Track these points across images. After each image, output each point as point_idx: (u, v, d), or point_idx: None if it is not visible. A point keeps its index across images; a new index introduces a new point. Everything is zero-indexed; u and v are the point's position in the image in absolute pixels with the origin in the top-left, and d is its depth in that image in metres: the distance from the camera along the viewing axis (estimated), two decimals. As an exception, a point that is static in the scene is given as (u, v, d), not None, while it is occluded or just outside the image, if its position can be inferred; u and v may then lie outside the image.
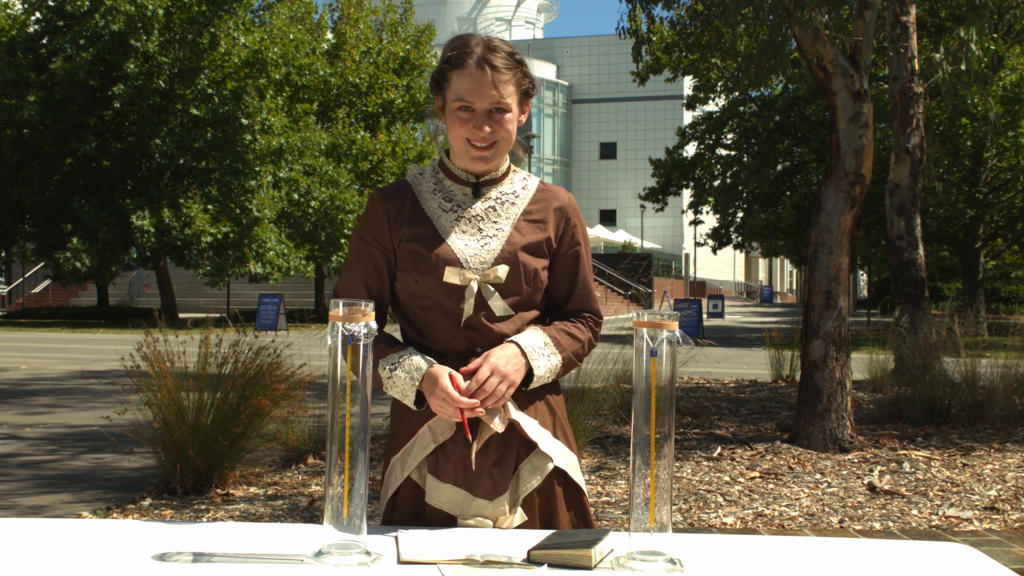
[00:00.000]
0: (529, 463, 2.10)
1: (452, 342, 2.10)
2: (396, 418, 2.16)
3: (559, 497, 2.12)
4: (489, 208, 2.15)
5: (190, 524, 1.99)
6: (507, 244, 2.12)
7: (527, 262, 2.12)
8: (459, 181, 2.17)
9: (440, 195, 2.16)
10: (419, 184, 2.18)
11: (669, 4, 10.86)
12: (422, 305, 2.11)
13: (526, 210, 2.17)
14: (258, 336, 6.43)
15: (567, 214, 2.19)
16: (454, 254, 2.09)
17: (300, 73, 29.85)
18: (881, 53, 10.88)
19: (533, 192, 2.20)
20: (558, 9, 78.47)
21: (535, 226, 2.16)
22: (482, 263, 2.10)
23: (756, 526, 5.18)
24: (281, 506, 5.49)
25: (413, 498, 2.09)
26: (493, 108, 2.07)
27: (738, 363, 16.13)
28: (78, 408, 9.87)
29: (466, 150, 2.10)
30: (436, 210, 2.14)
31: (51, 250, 28.53)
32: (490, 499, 2.05)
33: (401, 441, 2.13)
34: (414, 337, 2.14)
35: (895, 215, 10.81)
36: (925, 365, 8.62)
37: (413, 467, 2.08)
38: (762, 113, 25.68)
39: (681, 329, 1.77)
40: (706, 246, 31.71)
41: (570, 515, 2.13)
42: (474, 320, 2.09)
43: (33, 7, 28.39)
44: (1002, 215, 25.84)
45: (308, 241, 30.41)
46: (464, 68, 2.06)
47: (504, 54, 2.08)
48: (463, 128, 2.08)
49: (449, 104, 2.09)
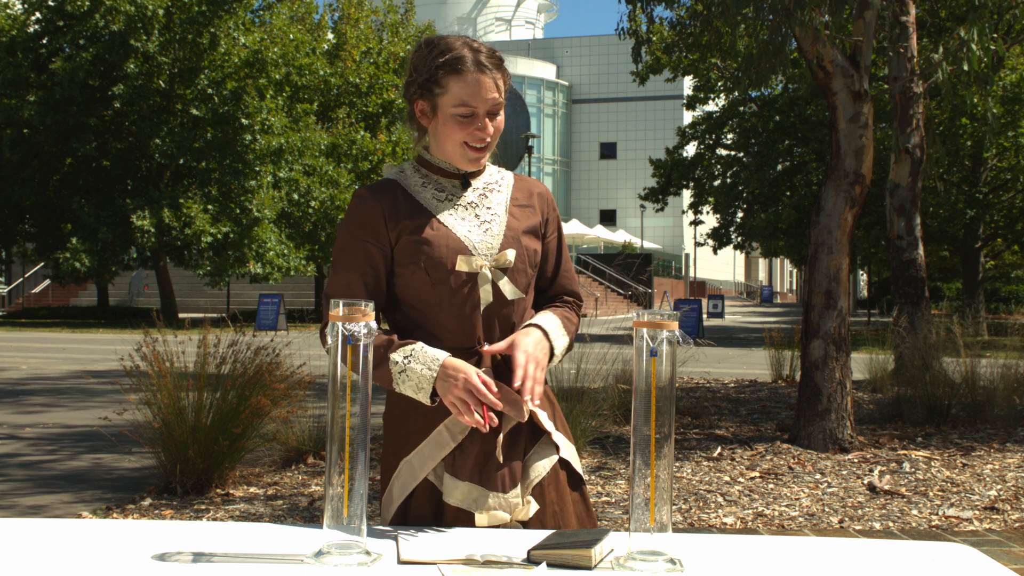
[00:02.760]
0: (536, 452, 2.12)
1: (459, 335, 2.08)
2: (400, 418, 2.12)
3: (563, 484, 2.14)
4: (480, 196, 2.18)
5: (190, 524, 1.98)
6: (508, 229, 2.14)
7: (528, 244, 2.16)
8: (446, 174, 2.18)
9: (431, 187, 2.17)
10: (406, 179, 2.18)
11: (669, 4, 10.87)
12: (427, 300, 2.09)
13: (512, 196, 2.20)
14: (256, 336, 6.43)
15: (548, 199, 2.26)
16: (461, 242, 2.09)
17: (300, 73, 29.85)
18: (881, 53, 10.88)
19: (512, 181, 2.24)
20: (558, 9, 78.51)
21: (525, 211, 2.20)
22: (489, 248, 2.11)
23: (756, 526, 5.18)
24: (281, 506, 5.49)
25: (430, 500, 2.06)
26: (491, 109, 2.10)
27: (738, 363, 16.13)
28: (78, 408, 9.87)
29: (463, 152, 2.11)
30: (431, 200, 2.14)
31: (51, 250, 28.52)
32: (505, 492, 2.06)
33: (413, 442, 2.09)
34: (421, 336, 2.10)
35: (895, 215, 10.81)
36: (925, 365, 8.63)
37: (431, 468, 2.05)
38: (762, 113, 25.68)
39: (681, 329, 1.77)
40: (706, 246, 31.72)
41: (577, 505, 2.16)
42: (485, 312, 2.09)
43: (33, 7, 28.38)
44: (1002, 215, 25.84)
45: (308, 241, 30.42)
46: (462, 73, 2.07)
47: (488, 52, 2.11)
48: (463, 132, 2.09)
49: (445, 109, 2.09)
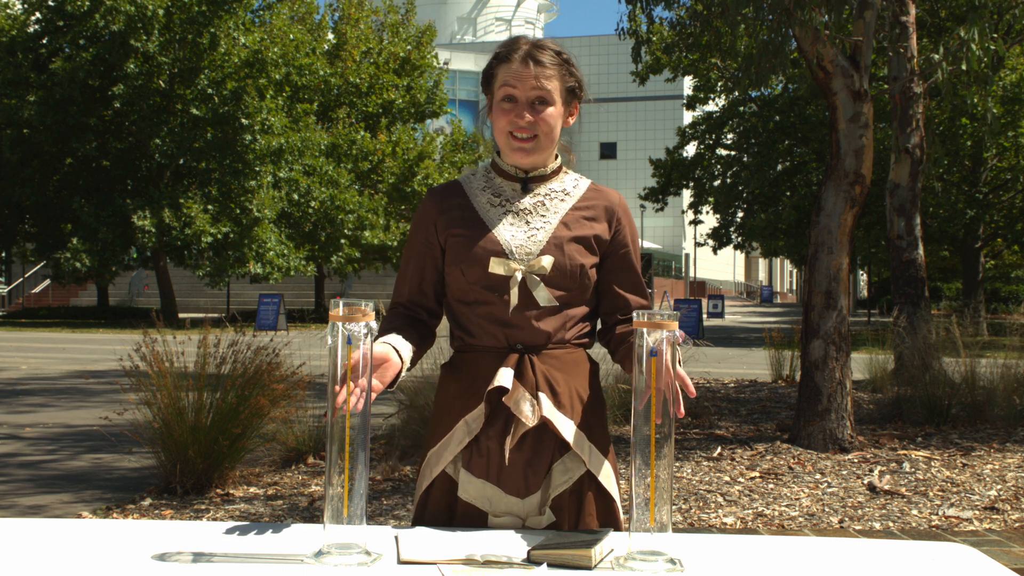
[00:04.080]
0: (562, 463, 2.09)
1: (494, 338, 2.11)
2: (437, 410, 2.19)
3: (590, 502, 2.11)
4: (538, 203, 2.18)
5: (190, 524, 1.98)
6: (553, 237, 2.14)
7: (573, 254, 2.13)
8: (508, 177, 2.20)
9: (489, 191, 2.20)
10: (470, 183, 2.23)
11: (669, 4, 10.85)
12: (466, 301, 2.14)
13: (575, 206, 2.19)
14: (256, 336, 6.43)
15: (617, 213, 2.21)
16: (499, 244, 2.11)
17: (300, 73, 29.86)
18: (881, 53, 10.88)
19: (584, 191, 2.22)
20: (558, 9, 78.50)
21: (585, 222, 2.17)
22: (528, 254, 2.12)
23: (756, 526, 5.18)
24: (281, 506, 5.49)
25: (448, 492, 2.10)
26: (536, 99, 2.11)
27: (738, 363, 16.13)
28: (78, 408, 9.87)
29: (508, 142, 2.14)
30: (484, 205, 2.18)
31: (51, 250, 28.53)
32: (521, 497, 2.05)
33: (438, 435, 2.14)
34: (459, 335, 2.18)
35: (895, 215, 10.80)
36: (925, 365, 8.62)
37: (448, 461, 2.10)
38: (762, 113, 25.69)
39: (681, 329, 1.77)
40: (706, 246, 31.73)
41: (599, 523, 2.11)
42: (516, 316, 2.09)
43: (33, 7, 28.38)
44: (1002, 215, 25.85)
45: (308, 241, 30.42)
46: (509, 62, 2.13)
47: (551, 52, 2.14)
48: (506, 119, 2.12)
49: (495, 96, 2.15)
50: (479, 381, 2.09)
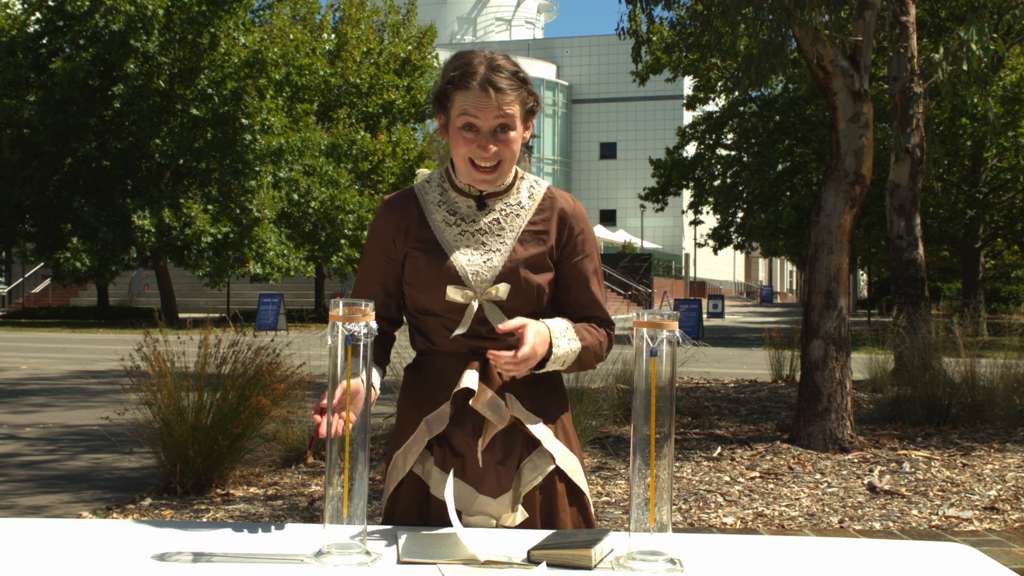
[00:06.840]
0: (531, 461, 2.12)
1: (456, 343, 2.12)
2: (401, 412, 2.20)
3: (560, 496, 2.13)
4: (493, 221, 2.14)
5: (190, 524, 1.99)
6: (508, 261, 2.10)
7: (528, 278, 2.11)
8: (464, 194, 2.16)
9: (445, 207, 2.15)
10: (425, 194, 2.18)
11: (669, 4, 10.85)
12: (426, 312, 2.14)
13: (531, 221, 2.15)
14: (256, 336, 6.43)
15: (569, 223, 2.17)
16: (455, 271, 2.09)
17: (300, 73, 29.85)
18: (881, 53, 10.88)
19: (539, 201, 2.17)
20: (558, 9, 78.51)
21: (537, 238, 2.14)
22: (483, 281, 2.09)
23: (756, 526, 5.18)
24: (281, 506, 5.49)
25: (417, 492, 2.11)
26: (498, 127, 2.06)
27: (738, 363, 16.13)
28: (78, 408, 9.87)
29: (469, 171, 2.09)
30: (440, 224, 2.14)
31: (51, 250, 28.51)
32: (494, 496, 2.07)
33: (403, 436, 2.16)
34: (420, 339, 2.18)
35: (895, 215, 10.81)
36: (925, 365, 8.62)
37: (413, 461, 2.11)
38: (762, 113, 25.67)
39: (681, 329, 1.77)
40: (706, 246, 31.70)
41: (572, 515, 2.14)
42: (477, 330, 2.10)
43: (33, 7, 28.37)
44: (1002, 215, 25.83)
45: (308, 241, 30.41)
46: (468, 89, 2.04)
47: (508, 73, 2.06)
48: (467, 147, 2.06)
49: (453, 122, 2.08)
50: (443, 382, 2.11)
